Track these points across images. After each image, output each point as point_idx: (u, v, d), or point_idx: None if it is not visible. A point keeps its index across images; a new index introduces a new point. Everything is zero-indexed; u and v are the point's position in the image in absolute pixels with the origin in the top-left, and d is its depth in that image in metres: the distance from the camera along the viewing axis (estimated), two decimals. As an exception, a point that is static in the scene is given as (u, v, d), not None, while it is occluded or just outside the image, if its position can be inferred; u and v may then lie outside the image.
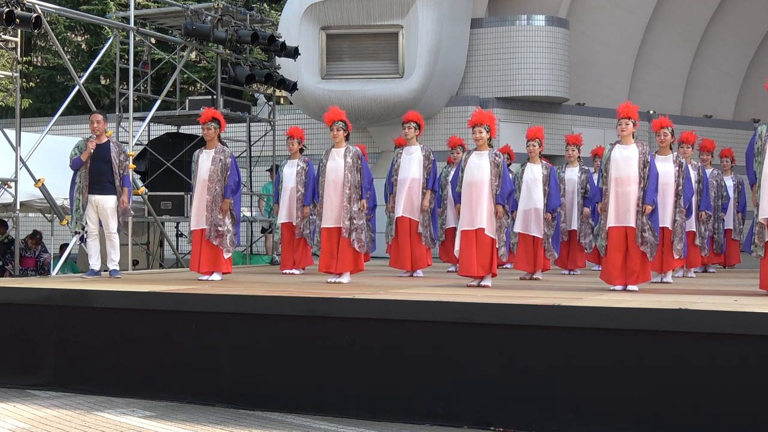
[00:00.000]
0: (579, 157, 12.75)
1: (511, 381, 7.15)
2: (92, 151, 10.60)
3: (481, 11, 19.63)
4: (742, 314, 6.75)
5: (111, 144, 10.75)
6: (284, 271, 12.31)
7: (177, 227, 16.69)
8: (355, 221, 10.29)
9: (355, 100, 18.11)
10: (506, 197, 9.63)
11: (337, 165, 10.36)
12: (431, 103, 18.59)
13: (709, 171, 12.91)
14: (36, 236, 15.93)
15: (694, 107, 21.76)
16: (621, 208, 9.10)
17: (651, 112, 20.00)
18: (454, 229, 10.33)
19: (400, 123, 12.00)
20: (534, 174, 11.35)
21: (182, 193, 14.41)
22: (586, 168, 12.79)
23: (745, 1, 21.44)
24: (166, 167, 14.62)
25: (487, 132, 9.67)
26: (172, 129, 16.52)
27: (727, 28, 21.73)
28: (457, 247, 9.72)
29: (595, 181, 11.66)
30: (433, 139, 16.94)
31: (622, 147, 9.22)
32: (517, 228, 11.25)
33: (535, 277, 11.25)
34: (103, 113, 10.97)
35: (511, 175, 9.98)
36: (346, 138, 10.54)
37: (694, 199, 11.33)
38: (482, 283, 9.63)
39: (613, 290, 9.01)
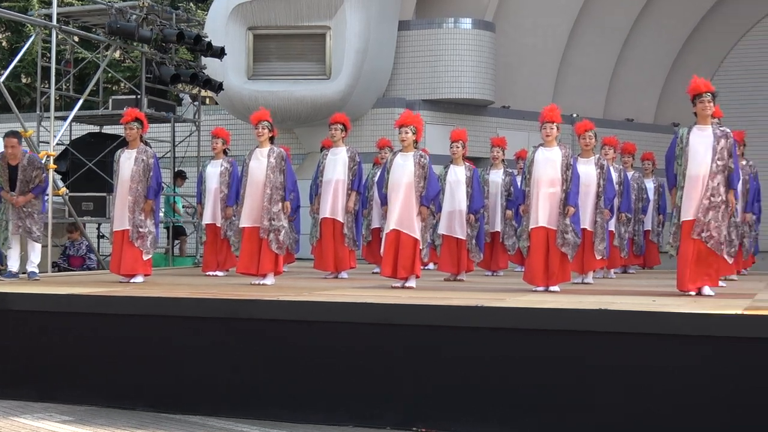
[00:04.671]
0: (503, 159, 12.87)
1: (437, 381, 7.18)
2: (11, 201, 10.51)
3: (409, 13, 19.67)
4: (660, 314, 6.89)
5: (21, 165, 10.48)
6: (207, 273, 12.19)
7: (98, 228, 16.43)
8: (274, 222, 10.19)
9: (281, 100, 18.00)
10: (431, 198, 9.68)
11: (260, 164, 10.27)
12: (358, 104, 18.57)
13: (630, 174, 13.12)
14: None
15: (616, 111, 22.06)
16: (543, 210, 9.20)
17: (574, 115, 20.21)
18: (380, 229, 10.33)
19: (326, 124, 11.98)
20: (457, 176, 11.40)
21: (104, 194, 14.16)
22: (510, 170, 12.92)
23: (667, 8, 21.82)
24: (88, 168, 14.38)
25: (414, 134, 9.71)
26: (95, 129, 16.25)
27: (649, 33, 22.09)
28: (382, 248, 9.73)
29: (519, 184, 11.78)
30: (360, 141, 16.91)
31: (546, 149, 9.35)
32: (441, 229, 11.28)
33: (459, 278, 11.32)
34: (18, 135, 10.63)
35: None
36: (271, 140, 10.46)
37: (615, 201, 11.51)
38: (406, 285, 9.65)
39: (535, 291, 9.11)
